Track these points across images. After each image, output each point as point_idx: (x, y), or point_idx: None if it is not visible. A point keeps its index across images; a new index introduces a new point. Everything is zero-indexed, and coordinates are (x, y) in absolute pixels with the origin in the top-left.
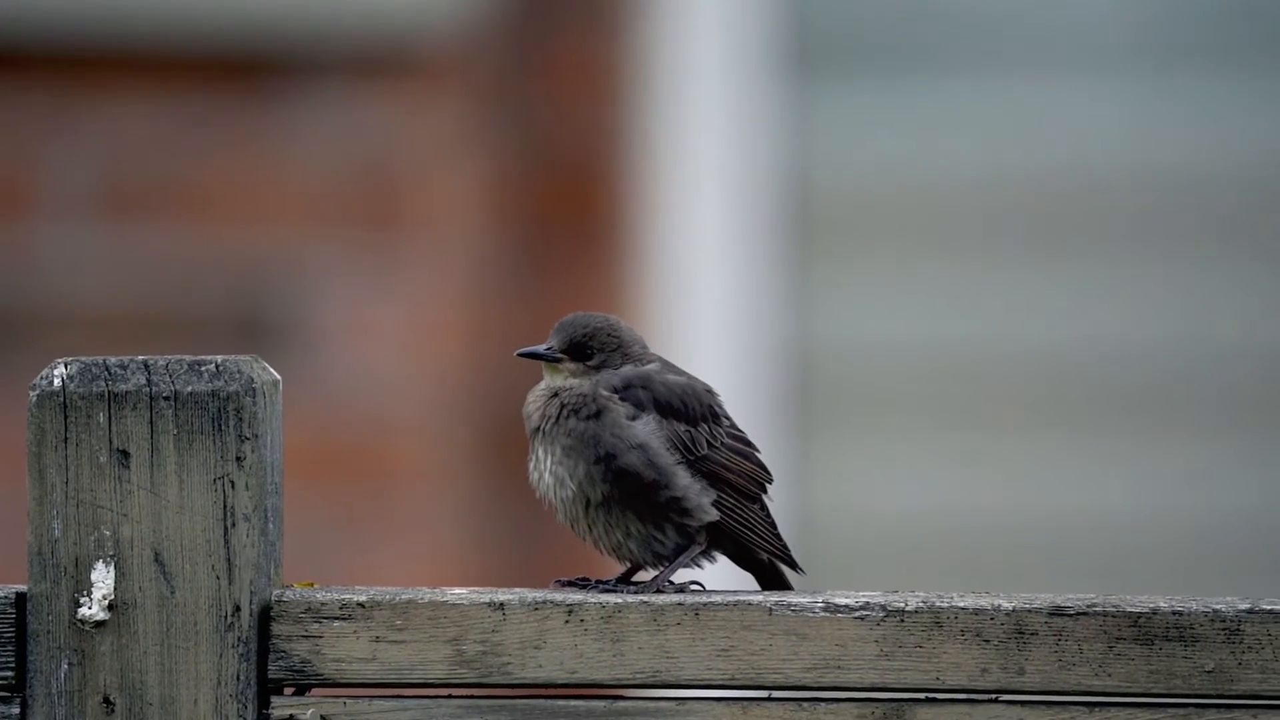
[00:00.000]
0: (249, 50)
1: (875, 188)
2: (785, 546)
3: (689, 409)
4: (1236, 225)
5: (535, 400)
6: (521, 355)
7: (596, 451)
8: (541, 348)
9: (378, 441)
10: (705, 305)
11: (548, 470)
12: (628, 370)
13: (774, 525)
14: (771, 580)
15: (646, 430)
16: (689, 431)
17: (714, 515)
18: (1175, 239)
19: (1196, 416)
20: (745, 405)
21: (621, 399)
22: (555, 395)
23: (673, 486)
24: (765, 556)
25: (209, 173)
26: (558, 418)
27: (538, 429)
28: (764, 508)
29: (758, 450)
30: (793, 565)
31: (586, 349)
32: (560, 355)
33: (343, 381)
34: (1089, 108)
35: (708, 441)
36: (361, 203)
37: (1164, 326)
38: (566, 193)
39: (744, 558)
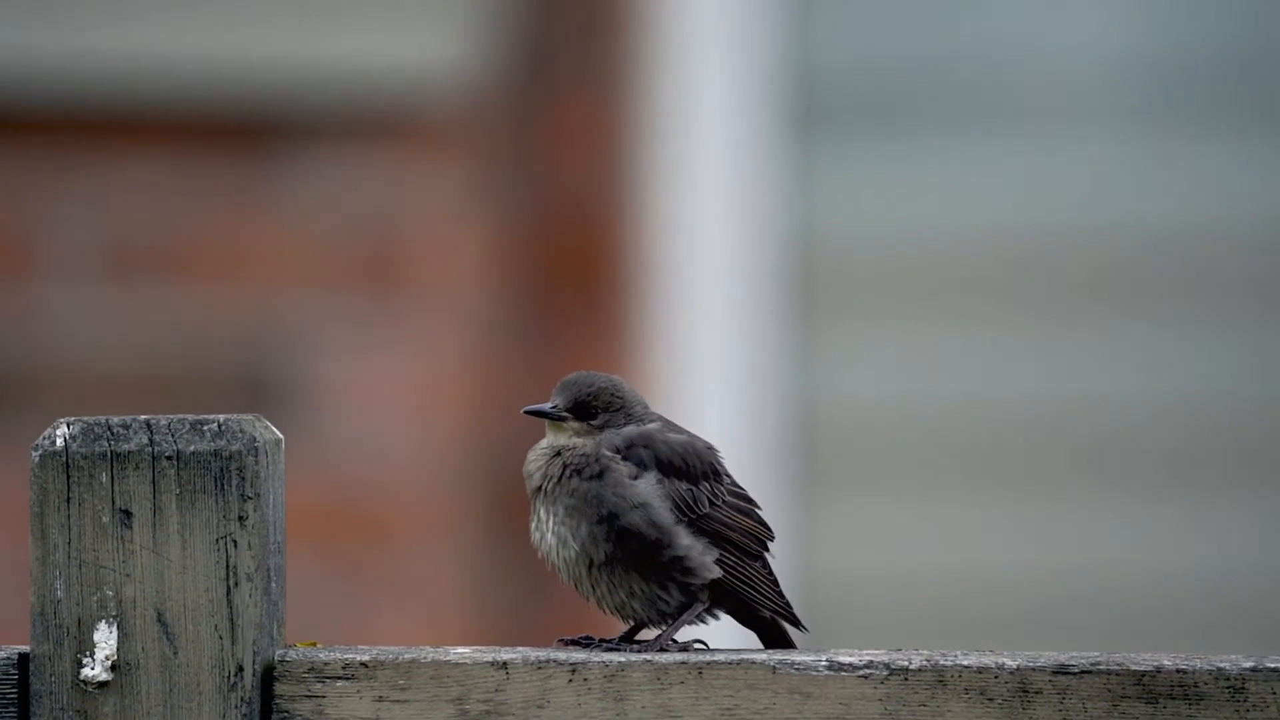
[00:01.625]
0: (253, 112)
1: (878, 247)
2: (788, 604)
3: (690, 467)
4: (1242, 284)
5: (537, 459)
6: (528, 413)
7: (599, 511)
8: (547, 406)
9: (380, 501)
10: (709, 364)
11: (550, 530)
12: (630, 430)
13: (776, 583)
14: (774, 638)
15: (648, 490)
16: (690, 490)
17: (716, 573)
18: (1179, 298)
19: (1202, 474)
20: (748, 463)
21: (624, 458)
22: (558, 454)
23: (675, 546)
24: (768, 614)
25: (213, 234)
26: (560, 477)
27: (539, 488)
28: (766, 565)
29: (759, 507)
30: (796, 623)
31: (590, 408)
32: (565, 414)
33: (346, 441)
34: (1091, 168)
35: (709, 499)
36: (365, 263)
37: (1168, 385)
38: (570, 253)
39: (747, 615)
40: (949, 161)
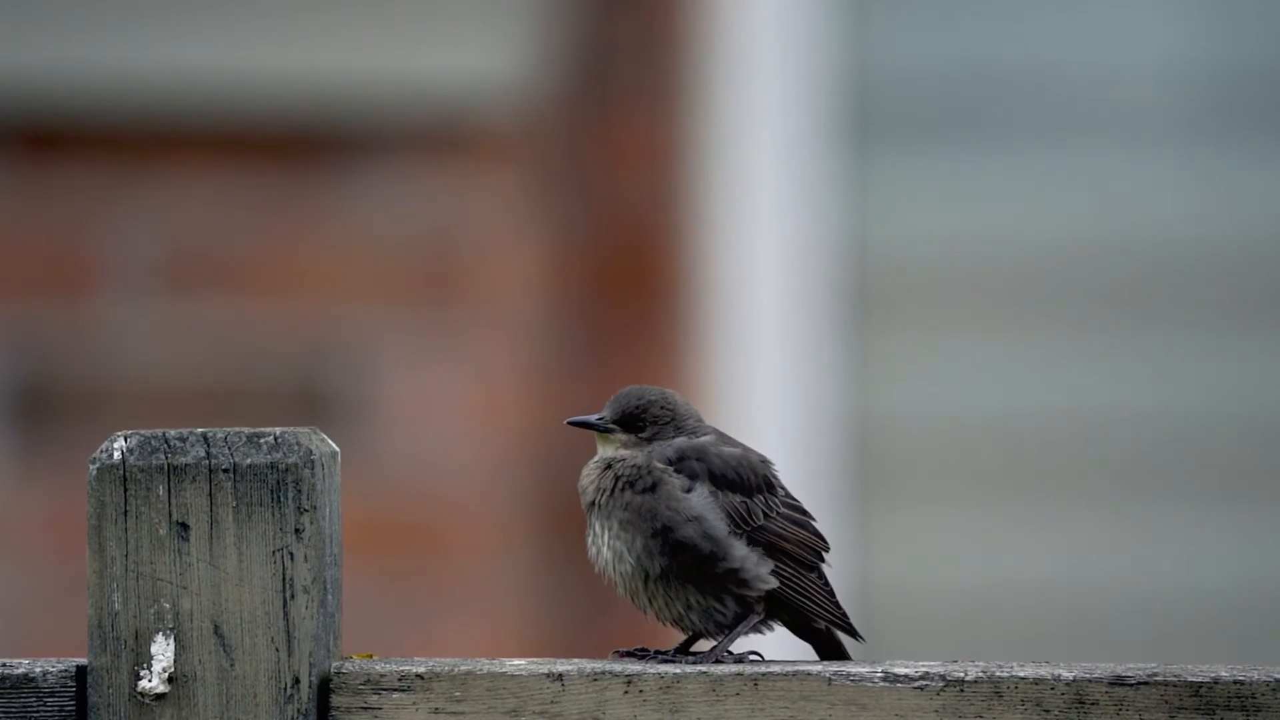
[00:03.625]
0: (310, 126)
1: (933, 258)
2: (844, 614)
3: (744, 480)
4: None
5: (589, 474)
6: (571, 424)
7: (653, 525)
8: (593, 417)
9: (437, 514)
10: (764, 377)
11: (606, 545)
12: (681, 441)
13: (833, 594)
14: (830, 650)
15: (702, 502)
16: (744, 502)
17: (772, 584)
18: (1239, 310)
19: (1261, 486)
20: (804, 476)
21: (676, 471)
22: (609, 467)
23: (730, 558)
24: (823, 625)
25: (269, 248)
26: (612, 490)
27: (593, 503)
28: (822, 576)
29: (814, 519)
30: (852, 633)
31: (639, 421)
32: (612, 426)
33: (402, 455)
34: (1146, 178)
35: (764, 512)
36: (421, 277)
37: (1222, 398)
38: (626, 267)
39: (802, 627)
40: (1003, 172)
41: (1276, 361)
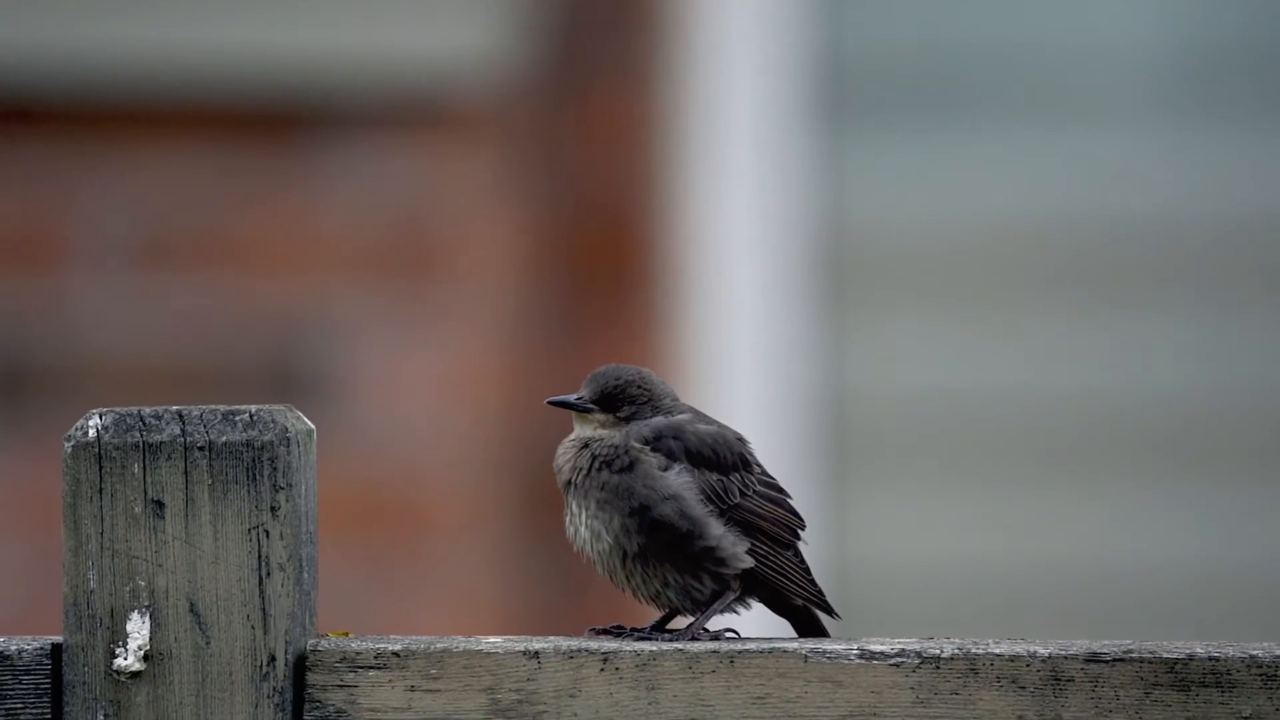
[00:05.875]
0: (283, 103)
1: (909, 238)
2: (820, 592)
3: (720, 458)
4: (1273, 273)
5: (565, 452)
6: (551, 404)
7: (630, 504)
8: (572, 397)
9: (412, 492)
10: (740, 354)
11: (583, 524)
12: (658, 421)
13: (808, 571)
14: (806, 627)
15: (679, 481)
16: (721, 481)
17: (749, 563)
18: (1211, 287)
19: (1232, 464)
20: (779, 453)
21: (653, 450)
22: (586, 446)
23: (706, 536)
24: (800, 602)
25: (244, 225)
26: (589, 470)
27: (569, 482)
28: (798, 554)
29: (789, 497)
30: (828, 610)
31: (617, 400)
32: (590, 405)
33: (377, 432)
34: (1123, 156)
35: (740, 490)
36: (396, 254)
37: (1199, 375)
38: (601, 243)
39: (779, 604)
40: (979, 150)
41: (1260, 338)
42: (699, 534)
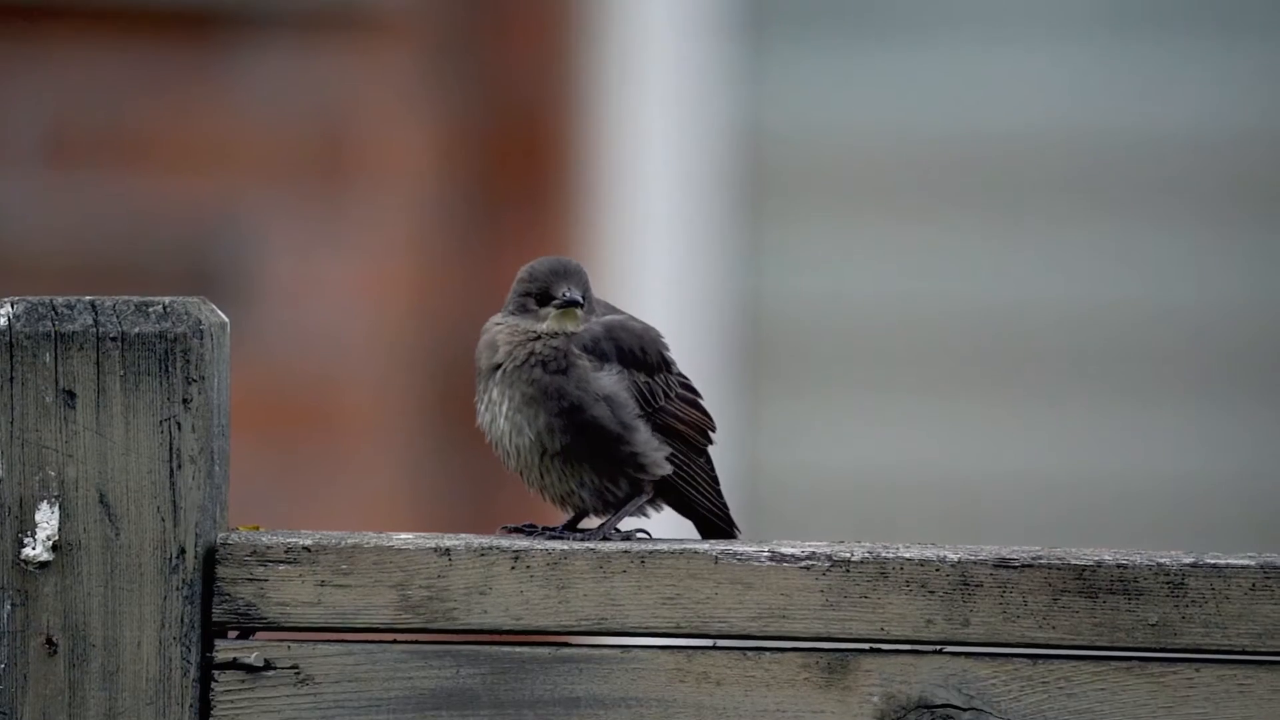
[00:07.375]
0: (201, 1)
1: (826, 146)
2: (725, 506)
3: (648, 357)
4: (1194, 188)
5: (507, 337)
6: (567, 304)
7: (560, 404)
8: (577, 296)
9: (325, 392)
10: (656, 260)
11: (504, 416)
12: (610, 318)
13: (717, 481)
14: (712, 529)
15: (612, 383)
16: (648, 383)
17: (668, 469)
18: (1126, 202)
19: (1147, 378)
20: (695, 359)
21: (590, 353)
22: (538, 339)
23: (633, 442)
24: (703, 513)
25: (157, 123)
26: (524, 362)
27: (499, 366)
28: (709, 461)
29: (702, 397)
30: (730, 525)
31: (587, 297)
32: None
33: (290, 332)
34: (1041, 71)
35: (664, 392)
36: (311, 156)
37: (1114, 289)
38: (517, 147)
39: (687, 507)
40: (897, 61)
41: (1180, 253)
42: (627, 439)
